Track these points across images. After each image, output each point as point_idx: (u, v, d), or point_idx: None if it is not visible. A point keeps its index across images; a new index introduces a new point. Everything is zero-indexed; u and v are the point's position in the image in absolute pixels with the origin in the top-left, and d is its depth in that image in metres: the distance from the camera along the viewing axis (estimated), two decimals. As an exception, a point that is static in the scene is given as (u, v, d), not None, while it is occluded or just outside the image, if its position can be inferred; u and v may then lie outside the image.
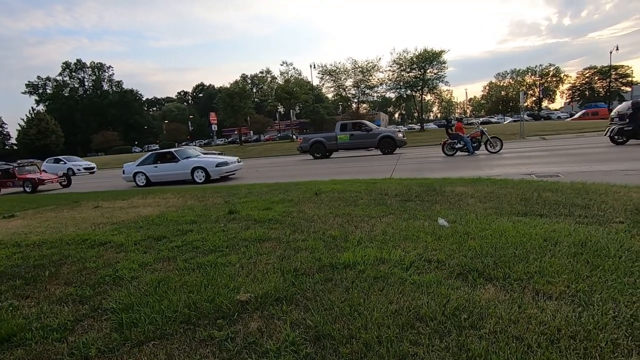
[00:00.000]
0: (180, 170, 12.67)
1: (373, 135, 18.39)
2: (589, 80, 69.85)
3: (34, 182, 14.97)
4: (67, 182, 16.07)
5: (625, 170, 7.67)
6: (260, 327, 2.26)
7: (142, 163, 13.36)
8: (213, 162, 12.40)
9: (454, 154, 14.30)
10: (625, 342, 1.85)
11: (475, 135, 14.33)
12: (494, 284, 2.59)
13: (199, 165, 12.39)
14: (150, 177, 13.09)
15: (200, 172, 12.34)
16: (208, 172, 12.21)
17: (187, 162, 12.72)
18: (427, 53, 42.80)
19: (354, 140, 18.61)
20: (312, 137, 19.73)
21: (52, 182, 15.51)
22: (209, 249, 3.88)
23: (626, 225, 3.65)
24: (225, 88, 57.78)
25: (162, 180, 13.02)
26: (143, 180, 13.19)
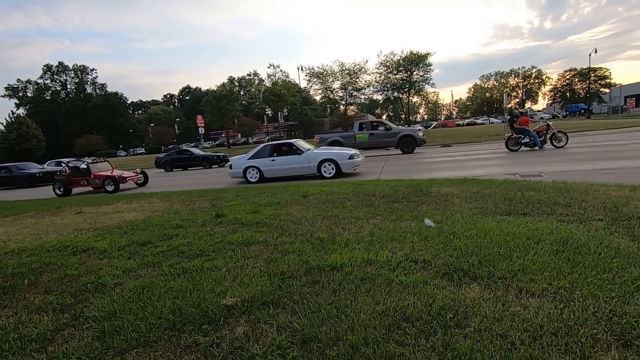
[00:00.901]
0: (304, 164, 11.27)
1: (393, 134, 17.90)
2: (569, 82, 71.73)
3: (116, 180, 13.20)
4: (144, 181, 14.38)
5: (602, 170, 7.89)
6: (247, 332, 2.24)
7: (255, 156, 11.82)
8: (345, 154, 11.09)
9: (518, 149, 13.46)
10: (604, 337, 1.89)
11: (541, 130, 13.55)
12: (478, 282, 2.62)
13: (329, 158, 11.01)
14: (265, 172, 11.63)
15: (329, 166, 10.99)
16: (339, 166, 10.90)
17: (313, 154, 11.37)
18: (414, 55, 43.43)
19: (373, 139, 18.11)
20: (330, 137, 18.92)
21: (132, 180, 13.91)
22: (195, 254, 3.83)
23: (605, 222, 3.75)
24: (212, 91, 57.25)
25: (280, 175, 11.61)
26: (255, 175, 11.69)
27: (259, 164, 11.70)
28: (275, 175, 11.65)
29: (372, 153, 18.83)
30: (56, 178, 14.13)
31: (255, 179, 11.68)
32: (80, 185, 13.77)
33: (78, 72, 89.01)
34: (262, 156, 11.80)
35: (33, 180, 19.62)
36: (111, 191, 13.01)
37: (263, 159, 11.76)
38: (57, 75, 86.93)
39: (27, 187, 19.25)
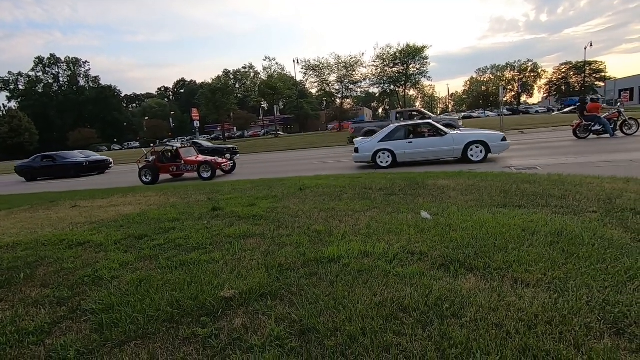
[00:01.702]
0: (448, 147, 10.12)
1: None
2: (564, 76, 72.01)
3: (213, 166, 11.96)
4: (233, 167, 13.40)
5: (596, 162, 7.96)
6: (245, 323, 2.25)
7: (386, 138, 10.69)
8: (498, 135, 9.99)
9: (587, 137, 12.97)
10: (597, 326, 1.92)
11: (612, 117, 12.85)
12: (474, 273, 2.65)
13: (478, 140, 9.85)
14: (400, 155, 10.52)
15: (477, 149, 9.85)
16: (489, 148, 9.77)
17: (459, 136, 10.18)
18: (410, 48, 43.25)
19: None
20: (365, 126, 17.91)
21: (225, 167, 12.71)
22: (192, 247, 3.83)
23: (599, 214, 3.79)
24: (207, 84, 56.75)
25: (416, 159, 10.53)
26: (387, 159, 10.57)
27: (393, 147, 10.60)
28: (411, 159, 10.60)
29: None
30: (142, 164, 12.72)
31: (387, 164, 10.61)
32: (168, 171, 12.57)
33: (70, 64, 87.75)
34: (397, 138, 10.64)
35: (80, 169, 18.60)
36: (207, 178, 11.72)
37: (397, 141, 10.60)
38: (49, 68, 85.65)
39: (74, 176, 18.22)
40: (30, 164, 19.50)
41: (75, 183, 15.12)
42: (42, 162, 19.11)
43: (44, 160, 19.10)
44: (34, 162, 19.34)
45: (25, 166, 19.60)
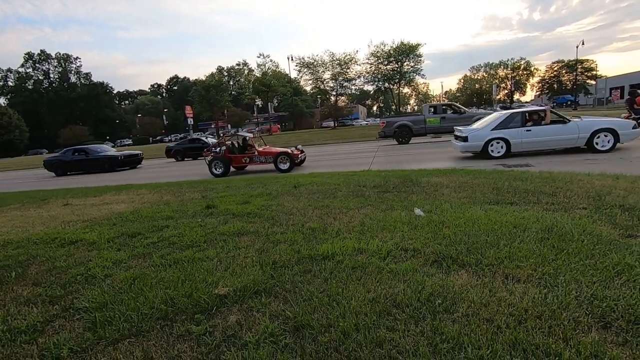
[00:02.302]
0: (571, 135, 9.38)
1: (466, 117, 16.36)
2: (557, 74, 72.54)
3: (292, 157, 11.09)
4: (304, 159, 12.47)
5: (587, 159, 8.08)
6: (239, 320, 2.26)
7: (500, 126, 9.93)
8: (628, 123, 9.26)
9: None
10: (585, 320, 1.97)
11: None
12: (466, 269, 2.69)
13: (606, 128, 9.13)
14: (515, 144, 9.73)
15: (605, 137, 9.16)
16: (619, 137, 9.07)
17: (584, 123, 9.46)
18: (404, 46, 43.35)
19: (445, 123, 16.74)
20: (397, 121, 17.43)
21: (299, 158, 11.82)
22: (186, 245, 3.82)
23: (589, 211, 3.86)
24: (201, 81, 56.33)
25: (534, 148, 9.87)
26: (500, 149, 9.80)
27: (508, 136, 9.85)
28: (528, 149, 9.90)
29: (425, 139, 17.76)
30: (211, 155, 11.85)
31: (499, 154, 9.88)
32: (240, 163, 11.85)
33: (61, 60, 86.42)
34: (513, 126, 9.87)
35: (115, 163, 17.55)
36: (284, 170, 11.00)
37: (513, 129, 9.84)
38: (40, 64, 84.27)
39: (108, 171, 17.26)
40: (61, 157, 18.60)
41: (113, 177, 14.16)
42: (73, 156, 18.17)
43: (75, 154, 18.11)
44: (65, 156, 18.42)
45: (55, 160, 18.77)
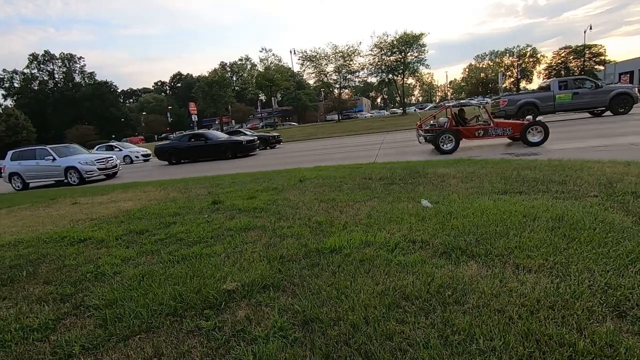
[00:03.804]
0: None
1: (603, 92, 14.72)
2: (564, 60, 71.31)
3: (547, 129, 9.31)
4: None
5: (596, 147, 7.93)
6: (248, 315, 2.26)
7: None
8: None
9: None
10: (600, 309, 1.93)
11: None
12: (476, 260, 2.65)
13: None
14: None
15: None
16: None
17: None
18: (407, 36, 42.79)
19: (578, 99, 14.84)
20: (521, 99, 15.53)
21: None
22: (194, 241, 3.83)
23: (600, 198, 3.79)
24: (204, 77, 56.28)
25: None
26: None
27: None
28: None
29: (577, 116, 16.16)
30: (428, 130, 10.30)
31: None
32: (471, 135, 10.07)
33: (65, 60, 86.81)
34: None
35: (239, 149, 16.15)
36: (535, 143, 9.23)
37: None
38: (44, 65, 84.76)
39: (231, 157, 16.02)
40: (176, 144, 17.43)
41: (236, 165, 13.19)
42: (189, 142, 16.87)
43: (192, 140, 16.87)
44: (181, 142, 17.21)
45: (168, 147, 17.57)
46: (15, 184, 14.01)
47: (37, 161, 13.69)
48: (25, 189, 13.80)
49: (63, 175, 13.41)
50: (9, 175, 14.04)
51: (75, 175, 13.23)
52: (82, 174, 13.13)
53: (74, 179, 13.24)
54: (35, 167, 13.74)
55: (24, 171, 13.86)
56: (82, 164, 13.30)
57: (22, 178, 13.88)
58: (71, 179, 13.28)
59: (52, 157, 13.44)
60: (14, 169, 13.99)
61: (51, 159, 13.41)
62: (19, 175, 13.91)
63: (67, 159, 13.64)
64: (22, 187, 13.92)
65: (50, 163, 13.46)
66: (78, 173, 13.18)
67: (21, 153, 14.24)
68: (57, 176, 13.57)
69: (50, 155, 13.47)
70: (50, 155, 13.49)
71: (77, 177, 13.21)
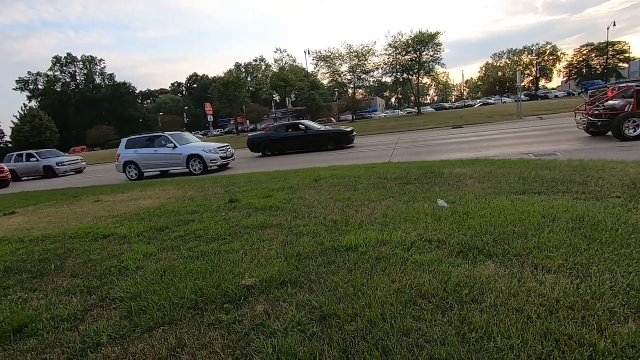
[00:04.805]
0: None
1: None
2: (585, 58, 69.15)
3: None
4: None
5: (620, 146, 7.70)
6: (267, 310, 2.31)
7: None
8: None
9: None
10: (621, 310, 1.90)
11: None
12: (493, 260, 2.64)
13: None
14: None
15: None
16: None
17: None
18: (422, 35, 42.30)
19: None
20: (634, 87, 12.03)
21: None
22: (212, 238, 3.92)
23: (623, 199, 3.70)
24: (220, 77, 56.96)
25: None
26: None
27: None
28: None
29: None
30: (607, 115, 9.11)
31: None
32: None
33: (86, 62, 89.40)
34: None
35: (342, 140, 15.40)
36: None
37: None
38: (66, 67, 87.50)
39: (331, 149, 15.21)
40: (271, 134, 16.75)
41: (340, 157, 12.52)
42: (286, 132, 16.22)
43: (289, 130, 16.27)
44: (277, 132, 16.50)
45: (262, 137, 16.95)
46: (129, 173, 13.22)
47: (155, 149, 12.89)
48: (140, 179, 12.93)
49: (184, 164, 12.57)
50: (123, 164, 13.27)
51: (198, 164, 12.42)
52: (206, 163, 12.31)
53: (196, 168, 12.44)
54: (154, 155, 12.87)
55: (141, 160, 13.00)
56: (206, 151, 12.44)
57: (139, 167, 13.07)
58: (193, 168, 12.47)
59: (172, 144, 12.61)
60: (129, 157, 13.13)
61: (172, 146, 12.58)
62: (135, 164, 13.08)
63: (188, 147, 12.82)
64: (138, 177, 13.08)
65: (170, 151, 12.61)
66: (202, 162, 12.33)
67: (136, 141, 13.47)
68: (178, 165, 12.76)
69: (171, 143, 12.63)
70: (171, 142, 12.64)
71: (200, 166, 12.40)
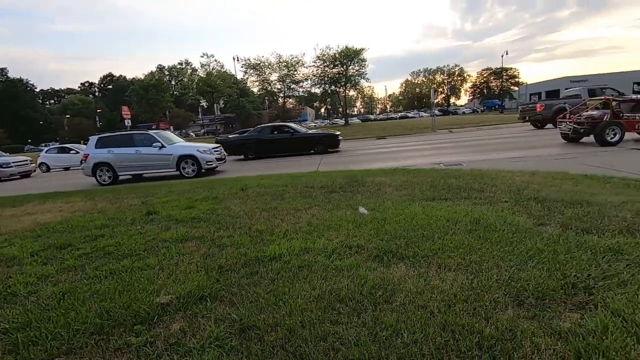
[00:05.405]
0: None
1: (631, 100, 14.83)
2: (486, 80, 79.59)
3: None
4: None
5: (511, 158, 8.99)
6: (183, 328, 2.20)
7: None
8: None
9: None
10: (503, 299, 2.22)
11: None
12: (405, 262, 2.88)
13: None
14: None
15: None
16: None
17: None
18: (349, 50, 44.59)
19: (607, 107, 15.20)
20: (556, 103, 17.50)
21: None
22: (124, 254, 3.60)
23: (509, 204, 4.32)
24: (139, 79, 52.81)
25: None
26: None
27: None
28: None
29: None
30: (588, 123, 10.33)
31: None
32: (632, 129, 10.25)
33: (-32, 53, 75.70)
34: None
35: (331, 143, 15.45)
36: None
37: None
38: (-60, 57, 73.00)
39: (320, 152, 15.03)
40: (255, 136, 15.89)
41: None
42: (272, 134, 15.67)
43: (275, 132, 15.68)
44: (262, 134, 15.79)
45: (246, 139, 15.97)
46: (102, 176, 11.53)
47: (137, 149, 11.40)
48: (115, 182, 11.43)
49: (174, 166, 11.29)
50: (93, 166, 11.49)
51: (191, 166, 11.26)
52: (201, 164, 11.21)
53: (189, 171, 11.26)
54: (136, 155, 11.38)
55: (118, 161, 11.45)
56: (201, 152, 11.38)
57: (114, 169, 11.48)
58: (185, 170, 11.28)
59: (160, 144, 11.33)
60: (102, 158, 11.45)
61: (159, 146, 11.29)
62: (109, 166, 11.45)
63: (179, 147, 11.71)
64: (112, 181, 11.49)
65: (157, 152, 11.28)
66: (196, 163, 11.22)
67: (111, 139, 11.82)
68: (166, 167, 11.41)
69: (158, 142, 11.34)
70: (158, 141, 11.35)
71: (194, 167, 11.25)
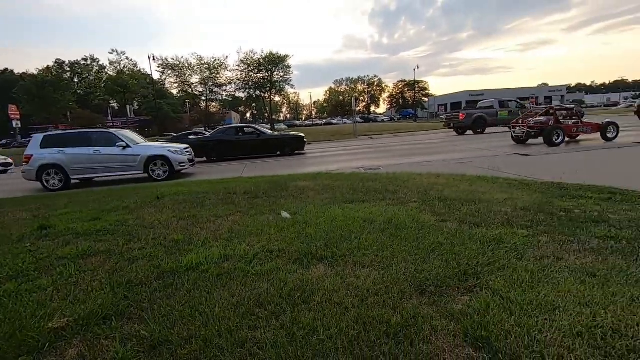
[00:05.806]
0: None
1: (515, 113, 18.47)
2: (401, 91, 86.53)
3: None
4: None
5: (421, 162, 9.92)
6: (82, 352, 1.98)
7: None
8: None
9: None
10: (409, 290, 2.45)
11: None
12: (324, 263, 2.99)
13: None
14: None
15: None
16: None
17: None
18: (273, 56, 44.74)
19: (512, 117, 17.92)
20: (475, 113, 20.13)
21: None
22: (7, 276, 3.09)
23: (418, 203, 4.76)
24: (31, 75, 45.73)
25: None
26: None
27: None
28: None
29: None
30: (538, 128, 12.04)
31: None
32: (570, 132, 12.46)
33: None
34: None
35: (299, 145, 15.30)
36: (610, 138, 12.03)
37: None
38: None
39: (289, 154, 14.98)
40: (219, 137, 15.14)
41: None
42: (238, 136, 15.18)
43: (240, 134, 15.27)
44: (226, 135, 15.16)
45: (209, 140, 15.19)
46: (49, 181, 10.01)
47: (95, 149, 10.12)
48: (67, 187, 10.01)
49: (141, 168, 10.21)
50: (37, 169, 9.92)
51: (162, 168, 10.30)
52: (173, 166, 10.29)
53: (159, 173, 10.30)
54: (94, 156, 10.11)
55: (72, 163, 10.05)
56: (172, 152, 10.47)
57: (65, 172, 10.01)
58: (155, 173, 10.26)
59: (123, 143, 10.17)
60: (50, 159, 9.97)
61: (123, 146, 10.14)
62: (59, 168, 9.96)
63: (146, 147, 10.62)
64: (63, 186, 10.02)
65: (120, 152, 10.12)
66: (167, 164, 10.26)
67: (61, 138, 10.37)
68: (132, 169, 10.28)
69: (122, 142, 10.18)
70: (122, 141, 10.19)
71: (165, 169, 10.30)
